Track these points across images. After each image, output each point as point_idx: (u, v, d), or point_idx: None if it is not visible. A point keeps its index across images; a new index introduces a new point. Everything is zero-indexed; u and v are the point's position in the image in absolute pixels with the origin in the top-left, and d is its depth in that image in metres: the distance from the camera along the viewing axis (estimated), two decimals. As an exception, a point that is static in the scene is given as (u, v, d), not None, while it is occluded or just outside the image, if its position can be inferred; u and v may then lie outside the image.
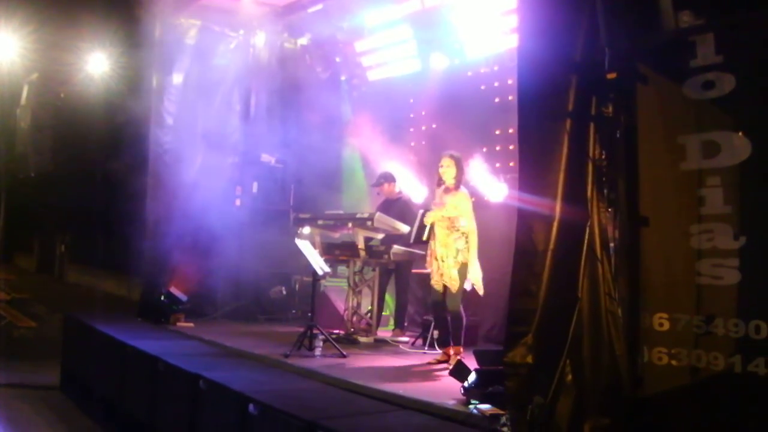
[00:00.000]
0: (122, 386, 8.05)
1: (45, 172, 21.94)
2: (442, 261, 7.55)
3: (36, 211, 24.79)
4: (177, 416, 6.65)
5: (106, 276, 19.43)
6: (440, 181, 7.87)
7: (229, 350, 8.21)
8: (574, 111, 5.21)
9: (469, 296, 8.83)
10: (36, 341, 12.90)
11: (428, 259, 7.89)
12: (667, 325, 5.10)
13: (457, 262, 7.51)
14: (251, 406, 5.41)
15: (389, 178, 9.97)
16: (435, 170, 8.01)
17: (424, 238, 8.18)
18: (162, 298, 10.52)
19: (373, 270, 9.21)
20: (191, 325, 10.03)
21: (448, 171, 7.75)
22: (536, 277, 5.07)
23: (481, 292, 7.70)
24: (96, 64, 15.09)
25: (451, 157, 7.80)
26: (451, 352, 7.55)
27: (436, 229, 7.69)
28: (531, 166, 5.30)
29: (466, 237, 7.56)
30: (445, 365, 7.34)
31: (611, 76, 5.39)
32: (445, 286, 7.60)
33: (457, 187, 7.74)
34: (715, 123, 4.91)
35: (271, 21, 11.29)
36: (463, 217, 7.56)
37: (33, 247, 27.85)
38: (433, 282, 7.76)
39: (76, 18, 15.05)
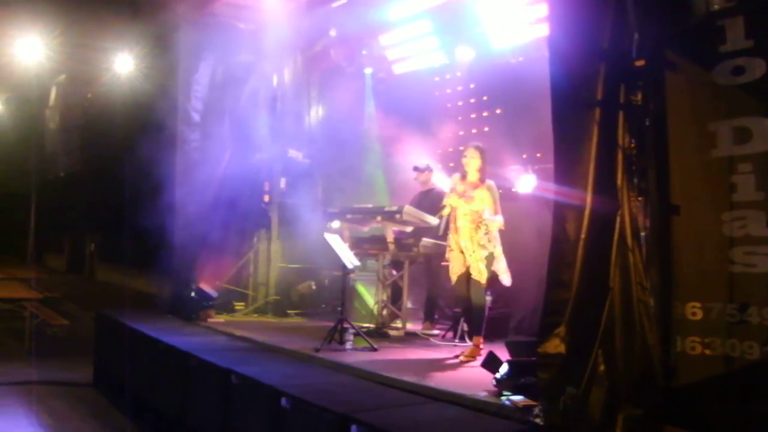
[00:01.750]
0: (154, 382, 8.11)
1: (74, 171, 22.12)
2: (470, 254, 7.49)
3: (65, 211, 25.00)
4: (209, 411, 6.69)
5: (135, 274, 19.54)
6: (464, 173, 7.79)
7: (260, 345, 8.23)
8: (603, 100, 5.18)
9: (499, 289, 8.83)
10: (68, 339, 13.02)
11: (447, 253, 7.84)
12: (700, 314, 5.07)
13: (482, 256, 7.45)
14: (284, 400, 5.43)
15: (429, 168, 9.99)
16: (459, 162, 7.94)
17: (440, 232, 8.18)
18: (192, 294, 10.58)
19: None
20: (222, 320, 10.09)
21: (472, 162, 7.68)
22: (569, 267, 5.04)
23: (506, 283, 7.66)
24: (122, 64, 15.17)
25: (476, 148, 7.74)
26: (473, 342, 7.54)
27: (461, 223, 7.59)
28: (563, 156, 5.28)
29: (491, 230, 7.50)
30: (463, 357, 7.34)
31: (639, 63, 5.36)
32: (469, 279, 7.55)
33: (482, 179, 7.67)
34: (746, 109, 4.87)
35: (295, 16, 11.27)
36: (490, 209, 7.50)
37: (63, 247, 28.07)
38: (451, 274, 7.73)
39: (101, 19, 15.14)
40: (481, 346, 7.39)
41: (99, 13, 15.30)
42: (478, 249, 7.45)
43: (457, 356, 7.40)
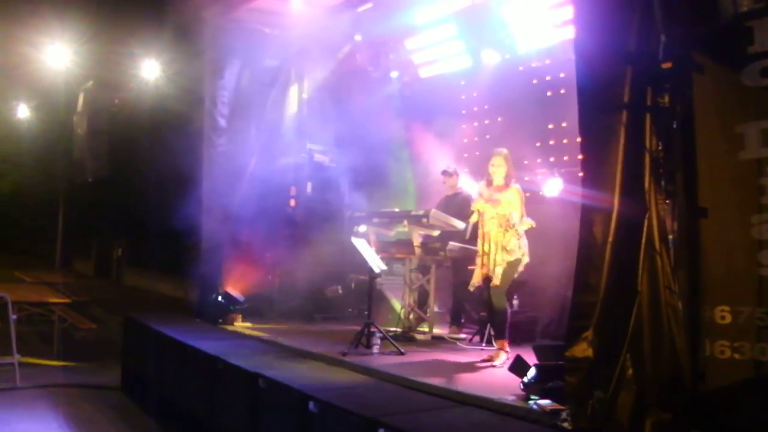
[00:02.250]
0: (182, 386, 8.15)
1: (101, 177, 22.32)
2: (492, 258, 7.46)
3: (93, 216, 25.22)
4: (237, 415, 6.72)
5: (162, 278, 19.68)
6: (489, 180, 7.78)
7: (287, 349, 8.25)
8: (630, 102, 5.16)
9: (526, 292, 8.83)
10: (96, 343, 13.12)
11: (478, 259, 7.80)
12: (728, 318, 5.03)
13: (504, 260, 7.42)
14: (311, 404, 5.44)
15: (454, 173, 10.00)
16: (486, 167, 7.90)
17: (467, 236, 8.16)
18: (219, 298, 10.62)
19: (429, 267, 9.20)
20: (249, 325, 10.12)
21: (499, 170, 7.68)
22: (596, 270, 5.02)
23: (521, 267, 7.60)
24: (149, 70, 15.31)
25: (503, 156, 7.72)
26: (496, 346, 7.56)
27: (489, 227, 7.57)
28: (590, 159, 5.27)
29: (519, 236, 7.48)
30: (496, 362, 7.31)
31: (666, 65, 5.33)
32: (488, 282, 7.52)
33: (507, 184, 7.66)
34: (775, 110, 4.83)
35: (321, 21, 11.30)
36: (517, 212, 7.48)
37: (90, 252, 28.32)
38: (473, 280, 7.73)
39: (128, 26, 15.29)
40: (507, 349, 7.38)
41: (125, 19, 15.46)
42: (501, 253, 7.43)
43: (485, 360, 7.38)
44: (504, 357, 7.27)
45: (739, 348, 4.95)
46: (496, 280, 7.40)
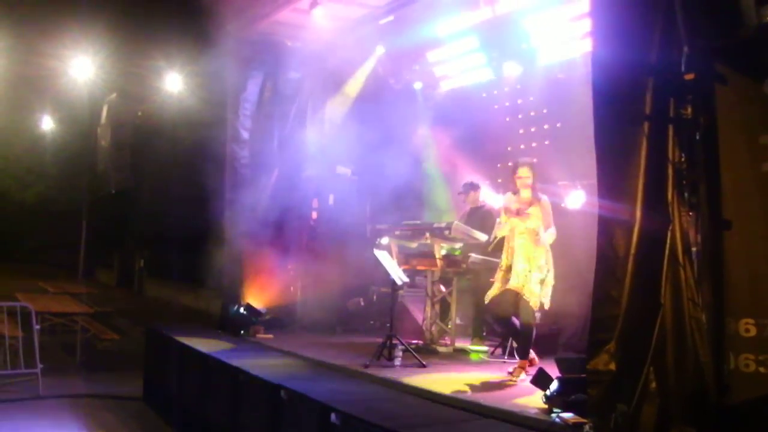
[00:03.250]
0: (203, 397, 8.17)
1: (125, 188, 22.47)
2: (525, 275, 7.29)
3: (116, 227, 25.39)
4: (258, 426, 6.72)
5: (184, 290, 19.78)
6: (516, 190, 7.63)
7: (309, 361, 8.27)
8: (652, 114, 5.15)
9: (549, 305, 8.77)
10: (119, 353, 13.18)
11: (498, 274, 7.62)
12: (753, 331, 5.00)
13: (537, 279, 7.28)
14: (333, 416, 5.44)
15: (475, 187, 10.00)
16: (509, 178, 7.81)
17: (490, 249, 8.11)
18: (241, 310, 10.66)
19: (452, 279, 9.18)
20: (271, 337, 10.13)
21: (526, 181, 7.53)
22: (618, 283, 5.00)
23: (546, 306, 7.47)
24: (172, 82, 15.40)
25: (529, 166, 7.59)
26: (518, 364, 7.37)
27: (519, 241, 7.40)
28: (609, 170, 5.24)
29: (547, 249, 7.38)
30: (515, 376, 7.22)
31: (689, 77, 5.31)
32: (517, 298, 7.38)
33: (535, 196, 7.53)
34: (798, 121, 4.81)
35: (343, 34, 11.34)
36: (545, 223, 7.40)
37: (113, 263, 28.50)
38: (489, 294, 7.56)
39: (152, 39, 15.40)
40: (528, 370, 7.21)
41: (149, 32, 15.58)
42: (534, 270, 7.28)
43: (510, 373, 7.32)
44: (524, 377, 7.12)
45: (764, 361, 4.93)
46: (532, 299, 7.25)
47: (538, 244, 7.34)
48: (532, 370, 6.98)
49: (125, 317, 17.18)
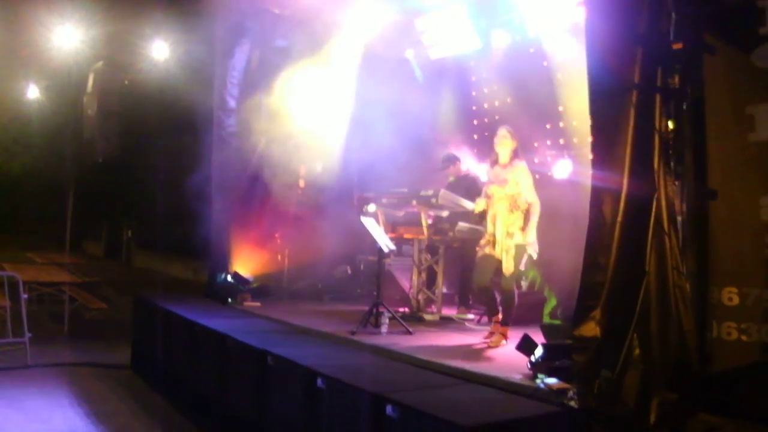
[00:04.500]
0: (191, 364, 8.20)
1: (112, 158, 22.35)
2: (502, 241, 7.29)
3: (103, 198, 25.30)
4: (245, 392, 6.76)
5: (172, 260, 19.81)
6: (495, 158, 7.61)
7: (295, 328, 8.29)
8: (640, 83, 5.16)
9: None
10: (107, 322, 13.21)
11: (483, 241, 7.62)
12: (736, 300, 5.07)
13: (509, 246, 7.27)
14: (319, 381, 5.48)
15: (453, 160, 10.01)
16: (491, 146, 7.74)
17: (475, 217, 8.12)
18: (228, 278, 10.68)
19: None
20: (258, 304, 10.14)
21: (504, 141, 7.47)
22: (605, 250, 5.02)
23: (535, 256, 7.49)
24: (159, 50, 15.28)
25: (508, 129, 7.54)
26: (498, 331, 7.41)
27: (497, 208, 7.39)
28: (600, 139, 5.25)
29: (527, 215, 7.34)
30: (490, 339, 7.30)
31: (677, 46, 5.32)
32: (496, 265, 7.38)
33: (512, 161, 7.47)
34: (786, 92, 4.84)
35: (331, 1, 11.24)
36: (526, 192, 7.35)
37: (101, 234, 28.46)
38: (479, 258, 7.54)
39: (138, 6, 15.26)
40: (508, 337, 7.27)
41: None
42: (507, 238, 7.28)
43: (487, 338, 7.36)
44: (503, 344, 7.18)
45: (746, 330, 5.00)
46: (508, 267, 7.26)
47: (515, 210, 7.33)
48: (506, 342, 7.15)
49: (113, 287, 17.20)
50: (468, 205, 8.53)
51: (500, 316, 7.49)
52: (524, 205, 7.35)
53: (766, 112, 4.95)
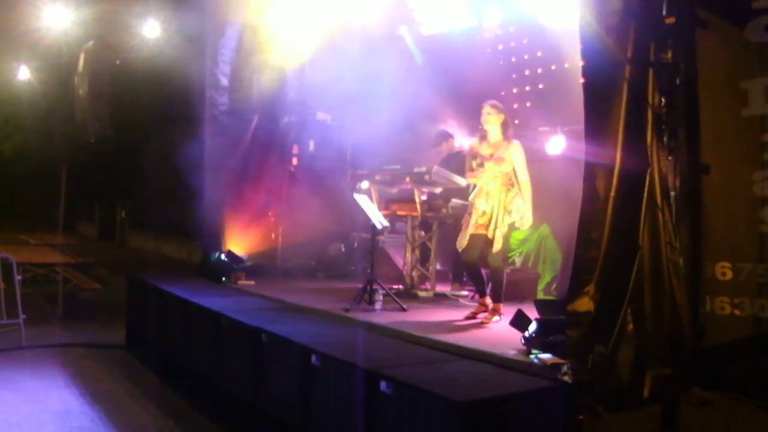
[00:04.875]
0: (186, 343, 8.20)
1: (104, 138, 22.29)
2: (494, 220, 7.26)
3: (96, 179, 25.24)
4: (240, 370, 6.77)
5: (166, 240, 19.79)
6: (483, 134, 7.53)
7: (289, 306, 8.28)
8: (633, 57, 5.14)
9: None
10: (101, 303, 13.22)
11: (469, 217, 7.54)
12: (729, 275, 5.08)
13: (507, 223, 7.26)
14: (314, 357, 5.48)
15: (446, 136, 10.00)
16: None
17: (470, 193, 8.09)
18: (222, 257, 10.67)
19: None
20: (252, 283, 10.13)
21: (490, 119, 7.38)
22: (599, 225, 5.02)
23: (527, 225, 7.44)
24: (149, 29, 15.21)
25: (493, 105, 7.44)
26: (489, 305, 7.41)
27: (492, 186, 7.34)
28: (593, 114, 5.23)
29: (519, 194, 7.32)
30: (483, 315, 7.31)
31: (670, 21, 5.31)
32: (485, 243, 7.36)
33: (507, 138, 7.38)
34: (780, 66, 4.83)
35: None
36: (519, 170, 7.31)
37: (94, 215, 28.41)
38: (461, 239, 7.50)
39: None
40: (501, 312, 7.28)
41: (126, -22, 15.35)
42: (504, 215, 7.25)
43: (468, 317, 7.34)
44: (497, 320, 7.19)
45: (740, 304, 5.01)
46: (498, 245, 7.24)
47: (511, 188, 7.31)
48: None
49: (107, 268, 17.18)
50: (461, 181, 8.49)
51: (488, 293, 7.50)
52: (516, 183, 7.33)
53: (760, 86, 4.94)
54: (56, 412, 7.13)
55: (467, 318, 7.30)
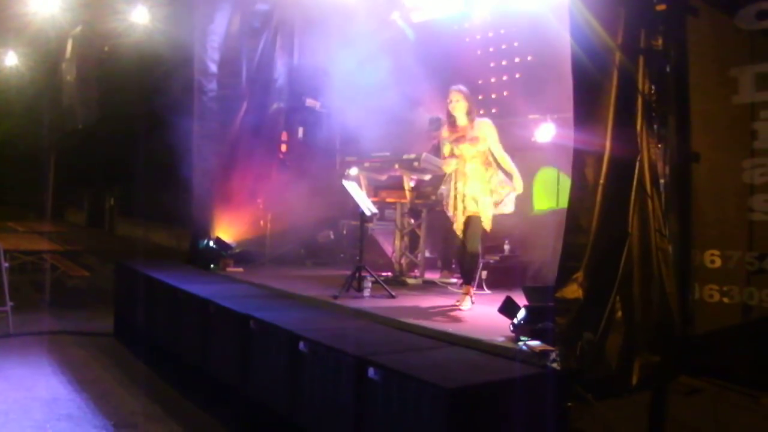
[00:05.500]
0: (174, 330, 8.17)
1: (91, 124, 22.19)
2: (481, 198, 7.27)
3: (84, 165, 25.10)
4: (228, 357, 6.75)
5: (155, 228, 19.69)
6: (452, 120, 7.52)
7: (278, 292, 8.27)
8: (623, 44, 5.14)
9: (517, 238, 8.80)
10: (89, 290, 13.16)
11: (449, 202, 7.58)
12: (718, 262, 5.09)
13: (491, 203, 7.26)
14: (301, 344, 5.47)
15: (441, 122, 9.97)
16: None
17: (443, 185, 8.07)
18: (211, 244, 10.64)
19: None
20: (240, 270, 10.11)
21: (458, 105, 7.39)
22: (587, 212, 5.03)
23: (509, 210, 7.43)
24: (138, 15, 15.09)
25: (458, 90, 7.45)
26: (462, 291, 7.43)
27: (470, 166, 7.35)
28: (582, 101, 5.23)
29: (498, 170, 7.29)
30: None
31: (660, 7, 5.30)
32: (465, 227, 7.36)
33: (472, 119, 7.39)
34: (770, 54, 4.83)
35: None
36: (493, 146, 7.29)
37: (83, 202, 28.26)
38: (456, 229, 7.51)
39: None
40: (473, 293, 7.34)
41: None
42: (487, 194, 7.26)
43: (455, 306, 7.32)
44: (470, 302, 7.22)
45: (728, 292, 5.02)
46: (487, 224, 7.26)
47: (489, 166, 7.31)
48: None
49: (95, 255, 17.10)
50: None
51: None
52: (493, 161, 7.31)
53: (750, 74, 4.94)
54: (44, 399, 7.10)
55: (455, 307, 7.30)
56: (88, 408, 6.90)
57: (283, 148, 12.08)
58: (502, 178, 7.32)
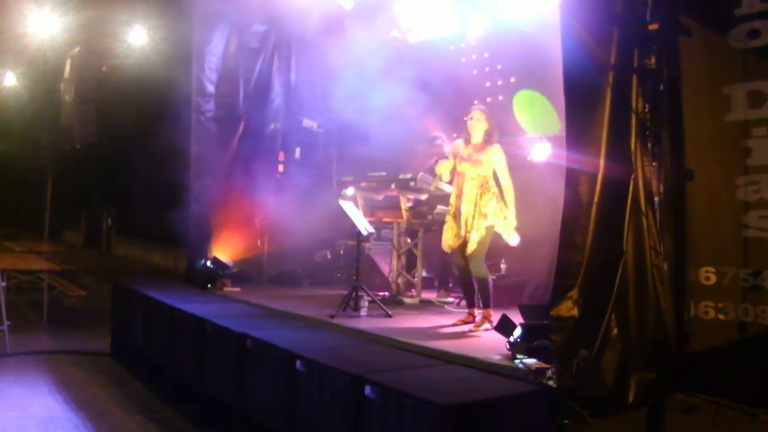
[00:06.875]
0: (171, 349, 8.16)
1: (89, 144, 22.21)
2: (469, 222, 7.22)
3: (82, 186, 25.10)
4: (225, 376, 6.74)
5: (152, 248, 19.67)
6: (468, 138, 7.49)
7: (275, 312, 8.28)
8: (617, 64, 5.18)
9: (514, 257, 8.80)
10: (86, 310, 13.13)
11: (453, 220, 7.49)
12: (713, 279, 5.10)
13: (482, 226, 7.17)
14: (298, 363, 5.47)
15: (444, 138, 10.00)
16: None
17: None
18: (208, 264, 10.64)
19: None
20: (238, 290, 10.12)
21: (478, 125, 7.37)
22: (582, 230, 5.05)
23: (513, 243, 7.39)
24: (136, 35, 15.16)
25: (482, 110, 7.46)
26: (477, 314, 7.36)
27: (467, 187, 7.30)
28: (575, 121, 5.26)
29: (498, 198, 7.24)
30: (470, 326, 7.22)
31: (653, 27, 5.34)
32: (464, 249, 7.30)
33: (488, 142, 7.36)
34: (761, 72, 4.88)
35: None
36: (501, 174, 7.27)
37: (80, 222, 28.24)
38: (444, 244, 7.50)
39: (114, -9, 15.16)
40: (492, 319, 7.12)
41: (111, -16, 15.31)
42: (479, 218, 7.18)
43: (457, 324, 7.32)
44: (487, 327, 7.08)
45: (723, 309, 5.03)
46: (472, 246, 7.17)
47: (486, 192, 7.24)
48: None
49: (92, 275, 17.09)
50: (447, 188, 8.50)
51: (477, 304, 7.46)
52: (494, 188, 7.27)
53: (742, 92, 4.97)
54: (40, 418, 7.09)
55: (455, 326, 7.30)
56: (85, 427, 6.90)
57: (280, 168, 12.09)
58: (497, 208, 7.26)
